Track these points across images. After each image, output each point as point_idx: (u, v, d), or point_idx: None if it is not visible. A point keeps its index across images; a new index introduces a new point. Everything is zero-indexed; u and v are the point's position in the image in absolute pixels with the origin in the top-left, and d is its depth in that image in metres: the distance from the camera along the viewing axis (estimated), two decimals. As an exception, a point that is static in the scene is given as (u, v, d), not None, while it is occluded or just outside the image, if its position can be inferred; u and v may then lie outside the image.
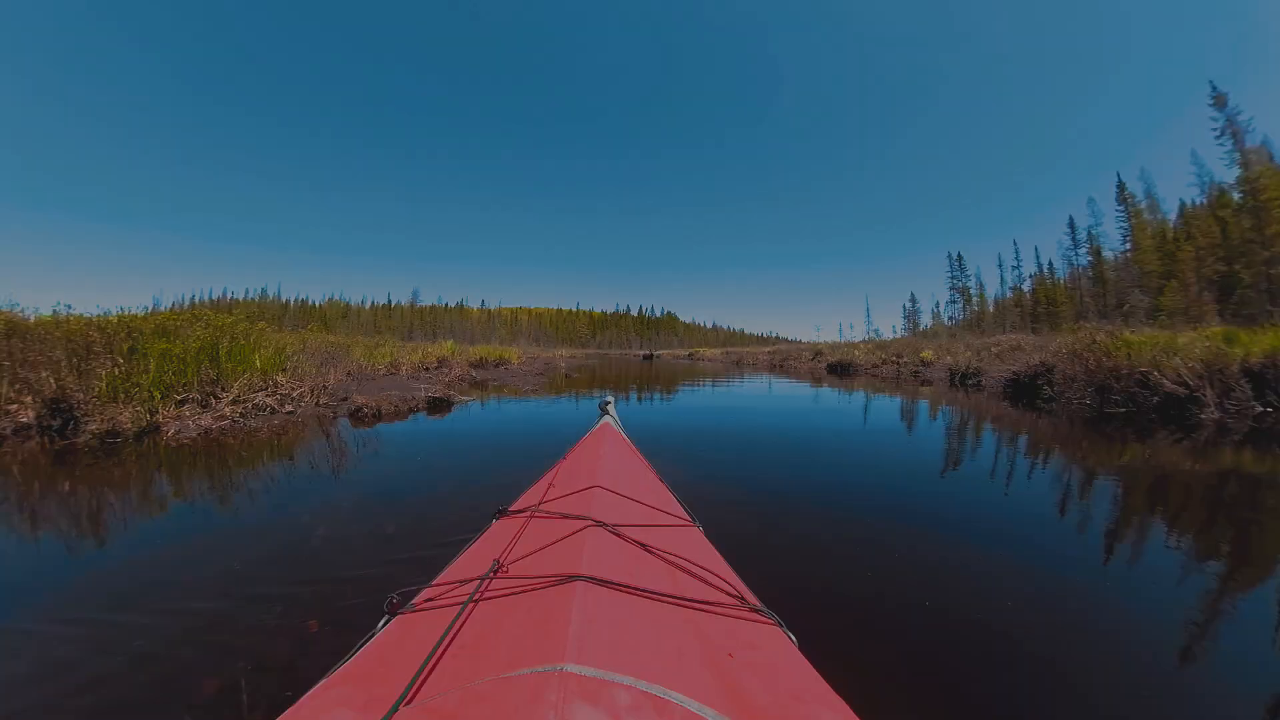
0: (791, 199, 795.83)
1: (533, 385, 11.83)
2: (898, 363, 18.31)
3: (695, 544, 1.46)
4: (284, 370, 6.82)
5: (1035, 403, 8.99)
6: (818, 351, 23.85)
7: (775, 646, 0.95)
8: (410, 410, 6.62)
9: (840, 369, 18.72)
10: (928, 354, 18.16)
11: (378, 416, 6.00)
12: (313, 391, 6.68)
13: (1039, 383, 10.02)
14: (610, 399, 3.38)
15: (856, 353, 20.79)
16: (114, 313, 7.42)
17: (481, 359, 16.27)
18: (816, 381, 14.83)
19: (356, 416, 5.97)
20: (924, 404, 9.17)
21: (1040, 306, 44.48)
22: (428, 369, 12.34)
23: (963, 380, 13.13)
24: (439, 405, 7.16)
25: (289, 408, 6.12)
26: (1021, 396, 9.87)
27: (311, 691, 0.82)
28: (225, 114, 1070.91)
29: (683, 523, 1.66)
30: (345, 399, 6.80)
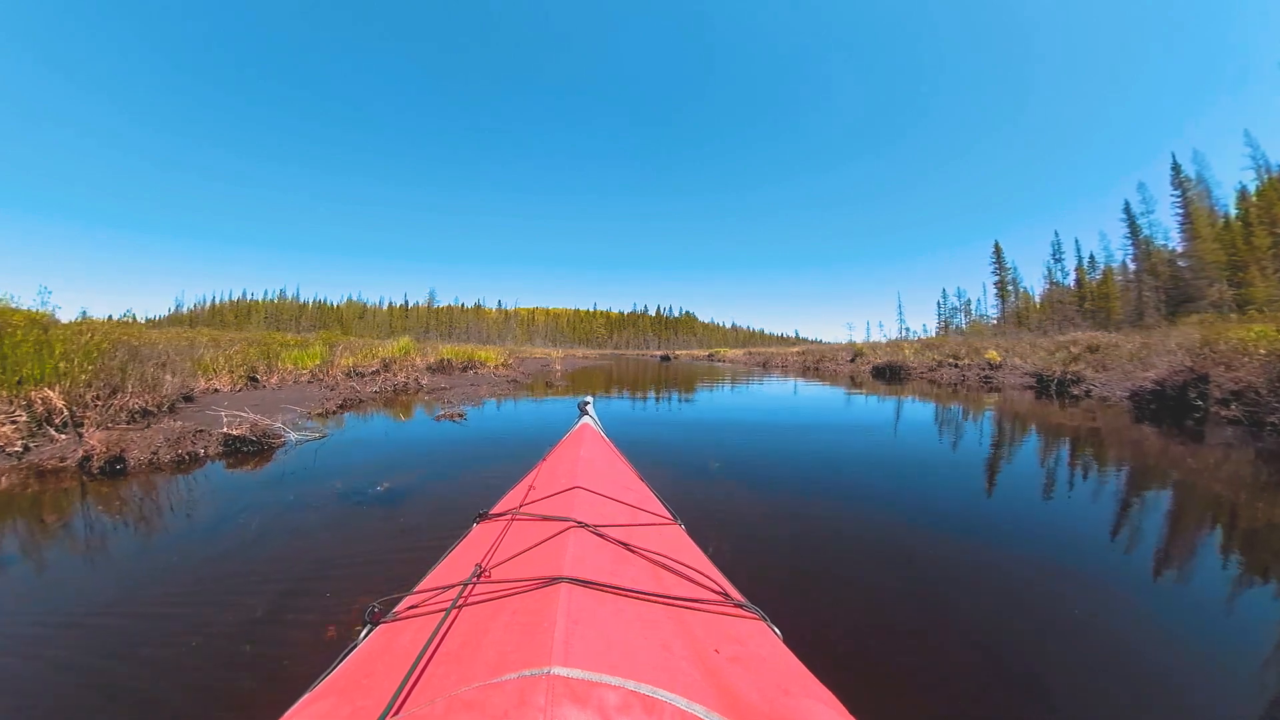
0: (811, 198, 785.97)
1: (473, 400, 8.51)
2: (958, 365, 15.68)
3: (678, 542, 1.44)
4: (86, 383, 4.66)
5: (1186, 424, 6.56)
6: (858, 352, 21.16)
7: (761, 641, 0.95)
8: (203, 457, 4.03)
9: (889, 373, 16.15)
10: (994, 355, 15.49)
11: (107, 473, 3.61)
12: (101, 415, 4.52)
13: (1191, 396, 7.47)
14: (589, 399, 3.30)
15: (906, 353, 18.14)
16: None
17: (444, 362, 13.34)
18: (861, 388, 12.33)
19: (83, 469, 3.68)
20: (1029, 428, 6.68)
21: (1088, 302, 40.94)
22: (362, 375, 9.79)
23: (1059, 389, 10.54)
24: (245, 451, 4.24)
25: (22, 445, 3.92)
26: (1165, 416, 7.35)
27: (294, 706, 0.79)
28: (241, 120, 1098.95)
29: (665, 521, 1.61)
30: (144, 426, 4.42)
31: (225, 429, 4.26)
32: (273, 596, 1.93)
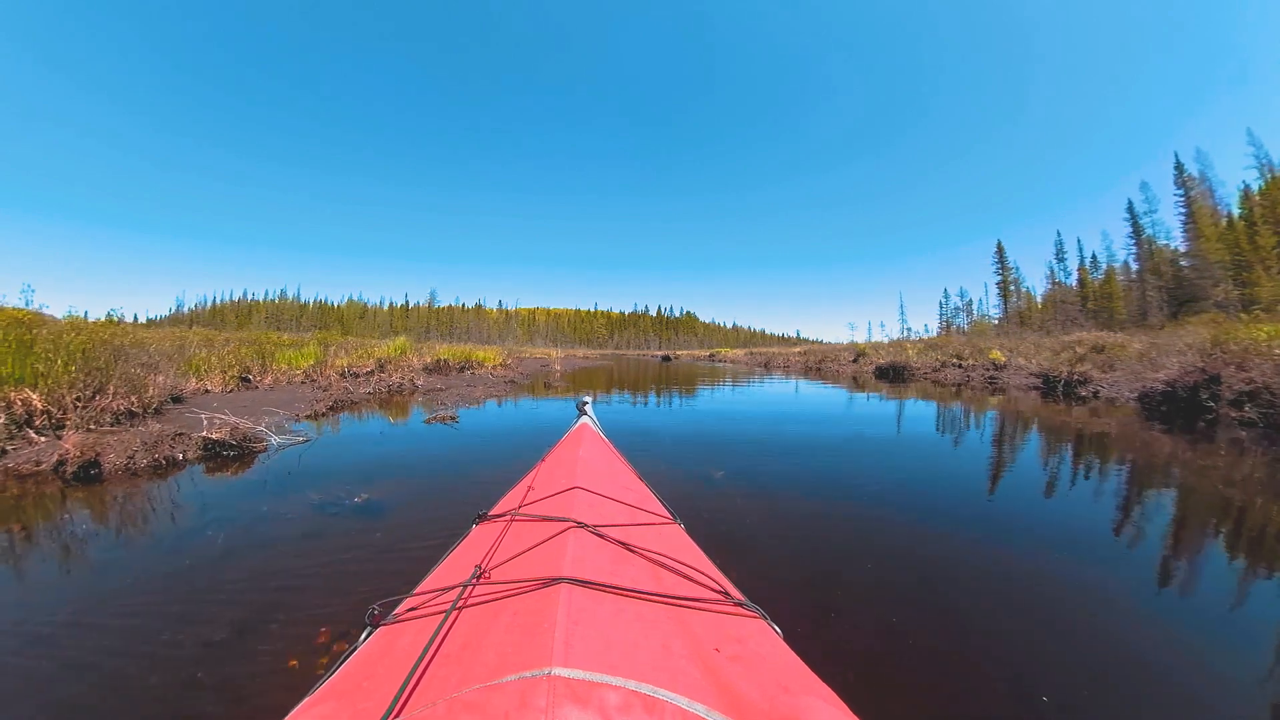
0: (811, 198, 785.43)
1: (469, 401, 8.18)
2: (962, 366, 15.51)
3: (677, 541, 1.43)
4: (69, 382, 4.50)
5: (1197, 425, 6.41)
6: (860, 352, 21.01)
7: (761, 640, 0.95)
8: (182, 461, 3.85)
9: (892, 373, 15.98)
10: (998, 355, 15.32)
11: (81, 478, 3.41)
12: (82, 417, 4.37)
13: (1203, 398, 7.31)
14: (588, 399, 3.27)
15: (909, 353, 17.98)
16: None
17: (441, 362, 13.11)
18: (864, 388, 12.16)
19: (58, 474, 3.50)
20: (1035, 429, 6.52)
21: (1091, 302, 40.71)
22: (357, 375, 9.55)
23: (1066, 390, 10.37)
24: (225, 455, 4.05)
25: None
26: (1176, 417, 7.20)
27: (295, 710, 0.78)
28: (241, 120, 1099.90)
29: (664, 520, 1.60)
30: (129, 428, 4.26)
31: (204, 432, 4.10)
32: (233, 616, 1.79)
